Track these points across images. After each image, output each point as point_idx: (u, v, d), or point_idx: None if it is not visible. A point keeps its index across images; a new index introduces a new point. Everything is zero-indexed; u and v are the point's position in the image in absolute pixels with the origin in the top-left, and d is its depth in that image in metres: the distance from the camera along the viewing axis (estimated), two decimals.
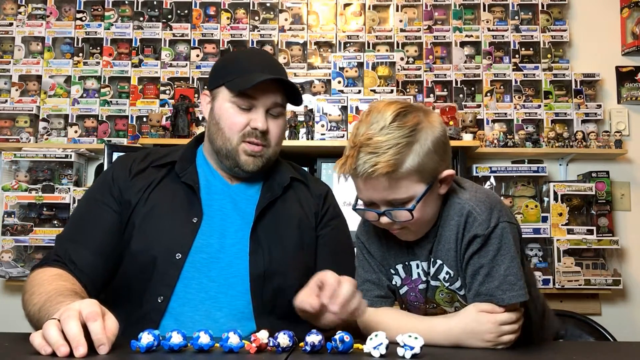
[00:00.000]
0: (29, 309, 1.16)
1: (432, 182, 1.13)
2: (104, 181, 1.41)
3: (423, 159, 1.11)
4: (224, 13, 2.89)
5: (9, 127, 2.79)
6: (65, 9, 2.92)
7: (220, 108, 1.39)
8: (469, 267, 1.14)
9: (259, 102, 1.37)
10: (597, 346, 1.48)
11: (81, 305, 0.95)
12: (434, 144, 1.12)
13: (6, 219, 2.60)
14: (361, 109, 2.61)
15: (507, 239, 1.13)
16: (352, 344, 0.98)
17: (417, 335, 0.95)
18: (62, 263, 1.28)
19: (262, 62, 1.42)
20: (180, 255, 1.30)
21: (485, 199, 1.17)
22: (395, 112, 1.12)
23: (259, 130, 1.36)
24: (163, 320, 1.28)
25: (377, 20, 2.91)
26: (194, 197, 1.37)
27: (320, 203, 1.47)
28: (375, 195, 1.14)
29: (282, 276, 1.34)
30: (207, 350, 0.96)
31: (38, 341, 0.92)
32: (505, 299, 1.11)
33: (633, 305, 2.75)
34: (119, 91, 2.85)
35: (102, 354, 0.92)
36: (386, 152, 1.09)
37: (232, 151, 1.37)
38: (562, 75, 2.82)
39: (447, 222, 1.18)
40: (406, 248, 1.23)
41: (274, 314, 1.32)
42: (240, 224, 1.37)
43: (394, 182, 1.10)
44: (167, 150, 1.49)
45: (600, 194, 2.67)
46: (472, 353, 1.08)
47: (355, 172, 1.12)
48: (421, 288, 1.23)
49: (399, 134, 1.10)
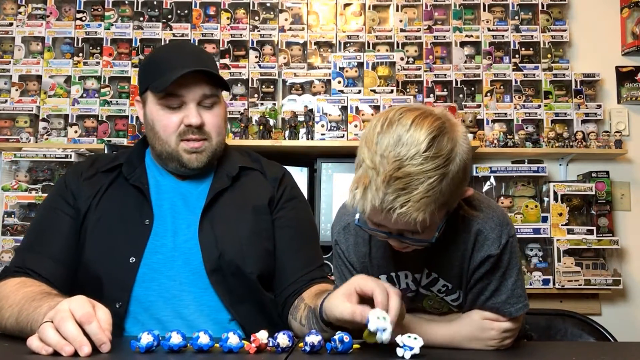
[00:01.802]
0: (3, 324, 1.15)
1: (452, 208, 1.04)
2: (58, 188, 1.40)
3: (452, 190, 0.98)
4: (224, 13, 2.89)
5: (9, 127, 2.79)
6: (65, 9, 2.92)
7: (152, 112, 1.36)
8: (478, 284, 1.11)
9: (187, 98, 1.33)
10: (597, 346, 1.48)
11: (71, 305, 0.95)
12: (463, 170, 0.99)
13: (6, 219, 2.59)
14: (361, 109, 2.61)
15: (515, 253, 1.12)
16: (351, 345, 0.98)
17: (416, 336, 0.95)
18: (22, 273, 1.26)
19: (181, 56, 1.36)
20: (134, 258, 1.29)
21: (493, 215, 1.10)
22: (431, 135, 0.95)
23: (194, 125, 1.33)
24: (127, 325, 1.26)
25: (377, 20, 2.91)
26: (144, 199, 1.36)
27: (276, 186, 1.44)
28: (392, 227, 0.99)
29: (239, 264, 1.31)
30: (206, 350, 0.96)
31: (36, 344, 0.92)
32: (513, 312, 1.11)
33: (633, 305, 2.75)
34: (119, 91, 2.85)
35: (104, 352, 0.92)
36: (417, 188, 0.93)
37: (172, 153, 1.35)
38: (562, 75, 2.82)
39: (451, 236, 1.09)
40: (392, 258, 1.13)
41: (247, 302, 1.31)
42: (191, 220, 1.35)
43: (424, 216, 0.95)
44: (114, 154, 1.47)
45: (600, 194, 2.67)
46: (471, 354, 1.08)
47: (382, 210, 0.95)
48: (409, 296, 1.17)
49: (433, 166, 0.94)
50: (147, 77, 1.37)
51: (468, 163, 1.01)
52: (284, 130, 2.67)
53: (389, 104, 2.60)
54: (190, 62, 1.32)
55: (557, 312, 1.78)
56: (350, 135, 2.60)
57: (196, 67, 1.31)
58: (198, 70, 1.31)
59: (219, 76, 1.35)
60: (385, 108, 2.59)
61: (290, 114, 2.67)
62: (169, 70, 1.31)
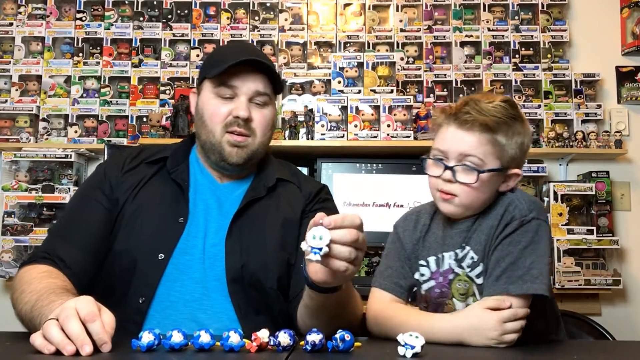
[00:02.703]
0: (19, 308, 1.15)
1: (504, 169, 1.22)
2: (96, 177, 1.40)
3: (511, 143, 1.22)
4: (224, 13, 2.89)
5: (9, 127, 2.78)
6: (65, 9, 2.92)
7: (204, 101, 1.37)
8: (497, 251, 1.18)
9: (240, 90, 1.34)
10: (597, 346, 1.48)
11: (77, 303, 0.95)
12: (523, 142, 1.24)
13: (6, 219, 2.59)
14: (361, 109, 2.61)
15: (540, 236, 1.18)
16: (352, 343, 0.98)
17: (417, 335, 0.95)
18: (50, 260, 1.26)
19: (241, 48, 1.41)
20: (163, 255, 1.28)
21: (528, 197, 1.25)
22: (508, 101, 1.25)
23: (241, 118, 1.33)
24: (146, 323, 1.26)
25: (377, 20, 2.91)
26: (182, 196, 1.35)
27: (309, 199, 1.43)
28: (457, 147, 1.22)
29: (260, 277, 1.31)
30: (207, 349, 0.96)
31: (39, 341, 0.92)
32: (525, 288, 1.13)
33: (633, 305, 2.75)
34: (119, 91, 2.85)
35: (105, 352, 0.92)
36: (488, 115, 1.20)
37: (216, 144, 1.35)
38: (562, 75, 2.82)
39: (488, 213, 1.24)
40: (442, 240, 1.29)
41: (261, 315, 1.30)
42: (221, 224, 1.34)
43: (483, 139, 1.20)
44: (160, 146, 1.46)
45: (600, 194, 2.67)
46: (472, 352, 1.08)
47: (455, 117, 1.23)
48: (451, 278, 1.25)
49: (505, 112, 1.22)
50: (205, 68, 1.39)
51: (527, 146, 1.26)
52: (284, 130, 2.67)
53: (389, 104, 2.60)
54: (249, 54, 1.35)
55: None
56: (350, 135, 2.60)
57: (254, 57, 1.33)
58: (254, 66, 1.33)
59: (273, 70, 1.37)
60: (385, 108, 2.60)
61: (290, 114, 2.67)
62: (226, 59, 1.33)
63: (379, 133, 2.58)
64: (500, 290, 1.14)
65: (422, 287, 1.30)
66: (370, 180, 2.54)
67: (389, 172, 2.55)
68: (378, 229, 2.47)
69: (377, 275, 1.35)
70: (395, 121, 2.59)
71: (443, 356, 1.04)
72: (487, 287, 1.18)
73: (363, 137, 2.58)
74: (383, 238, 2.46)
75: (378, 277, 1.35)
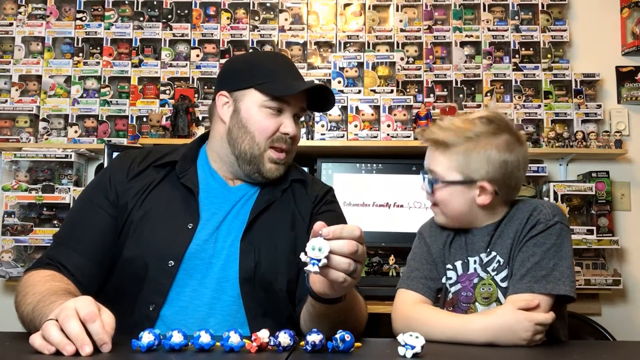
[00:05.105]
0: (22, 310, 1.14)
1: (467, 181, 1.26)
2: (101, 182, 1.37)
3: (477, 157, 1.25)
4: (224, 13, 2.89)
5: (9, 127, 2.78)
6: (65, 9, 2.92)
7: (249, 111, 1.34)
8: (522, 252, 1.21)
9: (290, 107, 1.35)
10: (597, 346, 1.48)
11: (77, 304, 0.95)
12: (492, 155, 1.25)
13: (6, 219, 2.59)
14: (361, 109, 2.61)
15: (564, 240, 1.22)
16: (353, 343, 0.98)
17: (418, 335, 0.95)
18: (54, 266, 1.26)
19: (291, 68, 1.40)
20: (173, 262, 1.27)
21: (552, 204, 1.29)
22: (485, 117, 1.29)
23: (290, 135, 1.34)
24: (155, 328, 1.26)
25: (377, 20, 2.91)
26: (192, 202, 1.34)
27: (316, 201, 1.43)
28: (425, 162, 1.33)
29: (271, 279, 1.31)
30: (207, 349, 0.96)
31: (39, 342, 0.92)
32: (549, 288, 1.16)
33: (633, 305, 2.75)
34: (119, 91, 2.85)
35: (105, 352, 0.92)
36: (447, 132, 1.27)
37: (257, 157, 1.34)
38: (562, 75, 2.82)
39: (512, 219, 1.29)
40: (465, 246, 1.33)
41: (268, 318, 1.30)
42: (234, 227, 1.34)
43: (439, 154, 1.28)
44: (169, 148, 1.45)
45: (600, 194, 2.67)
46: (473, 352, 1.08)
47: (421, 135, 1.34)
48: (475, 282, 1.28)
49: (473, 127, 1.26)
50: (253, 76, 1.35)
51: (499, 163, 1.25)
52: None
53: (389, 104, 2.60)
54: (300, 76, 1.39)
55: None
56: (350, 135, 2.60)
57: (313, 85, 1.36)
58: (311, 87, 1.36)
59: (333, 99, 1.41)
60: (385, 108, 2.60)
61: None
62: (284, 77, 1.34)
63: (379, 133, 2.58)
64: (525, 288, 1.18)
65: (450, 291, 1.31)
66: (370, 180, 2.54)
67: (389, 172, 2.55)
68: (378, 229, 2.47)
69: (404, 277, 1.36)
70: (395, 121, 2.59)
71: (442, 357, 1.04)
72: (512, 286, 1.21)
73: (363, 137, 2.58)
74: (383, 238, 2.50)
75: (405, 279, 1.35)
